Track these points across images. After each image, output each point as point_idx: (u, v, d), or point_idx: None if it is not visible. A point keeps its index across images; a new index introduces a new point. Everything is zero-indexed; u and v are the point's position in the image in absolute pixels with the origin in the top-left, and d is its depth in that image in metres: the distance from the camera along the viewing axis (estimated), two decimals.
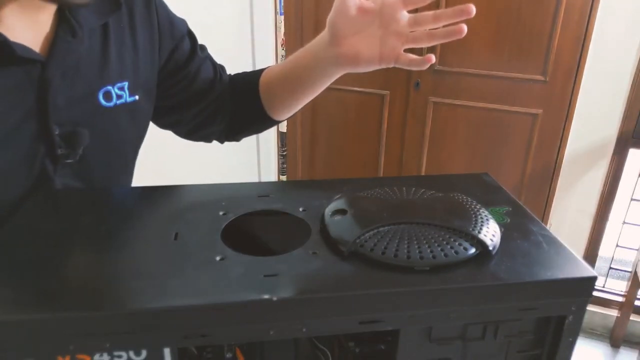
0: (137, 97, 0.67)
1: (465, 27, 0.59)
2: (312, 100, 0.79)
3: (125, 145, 0.70)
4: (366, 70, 0.66)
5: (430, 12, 0.61)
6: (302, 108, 0.82)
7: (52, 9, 0.57)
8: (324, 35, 0.67)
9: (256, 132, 0.85)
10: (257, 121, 0.81)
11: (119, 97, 0.64)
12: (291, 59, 0.75)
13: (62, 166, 0.60)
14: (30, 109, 0.56)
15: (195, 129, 0.81)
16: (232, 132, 0.84)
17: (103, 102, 0.63)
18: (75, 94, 0.59)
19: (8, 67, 0.53)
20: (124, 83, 0.65)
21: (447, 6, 1.98)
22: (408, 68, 0.63)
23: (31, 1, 0.54)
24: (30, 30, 0.56)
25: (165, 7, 0.73)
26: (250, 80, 0.79)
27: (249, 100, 0.79)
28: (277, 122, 0.82)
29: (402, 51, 0.63)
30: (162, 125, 0.81)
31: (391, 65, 0.64)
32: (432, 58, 0.61)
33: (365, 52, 0.63)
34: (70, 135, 0.59)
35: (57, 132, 0.58)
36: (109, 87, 0.63)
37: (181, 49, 0.75)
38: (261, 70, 0.80)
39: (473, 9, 0.58)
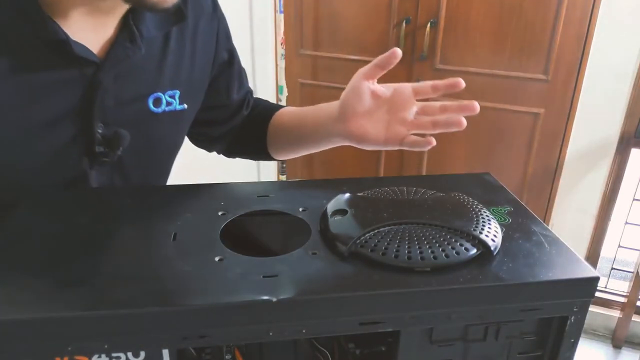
0: (186, 106, 0.68)
1: (465, 122, 0.62)
2: (312, 99, 0.79)
3: (164, 150, 0.72)
4: (370, 149, 0.67)
5: (438, 103, 0.64)
6: (302, 107, 0.82)
7: (118, 14, 0.59)
8: (333, 108, 0.68)
9: (250, 159, 0.89)
10: (256, 152, 0.84)
11: (168, 104, 0.66)
12: (301, 115, 0.77)
13: (99, 164, 0.62)
14: (75, 105, 0.57)
15: (202, 140, 0.83)
16: (229, 152, 0.87)
17: (152, 107, 0.64)
18: (125, 97, 0.61)
19: (64, 63, 0.55)
20: (176, 92, 0.66)
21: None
22: (411, 149, 0.65)
23: (100, 5, 0.56)
24: (94, 32, 0.58)
25: (224, 20, 0.74)
26: (264, 114, 0.82)
27: (256, 133, 0.82)
28: (272, 159, 0.85)
29: (406, 134, 0.64)
30: None
31: (395, 148, 0.65)
32: (433, 141, 0.62)
33: (372, 133, 0.65)
34: (112, 135, 0.61)
35: (99, 131, 0.60)
36: (160, 94, 0.65)
37: (230, 64, 0.76)
38: (278, 107, 0.83)
39: (477, 106, 0.61)
